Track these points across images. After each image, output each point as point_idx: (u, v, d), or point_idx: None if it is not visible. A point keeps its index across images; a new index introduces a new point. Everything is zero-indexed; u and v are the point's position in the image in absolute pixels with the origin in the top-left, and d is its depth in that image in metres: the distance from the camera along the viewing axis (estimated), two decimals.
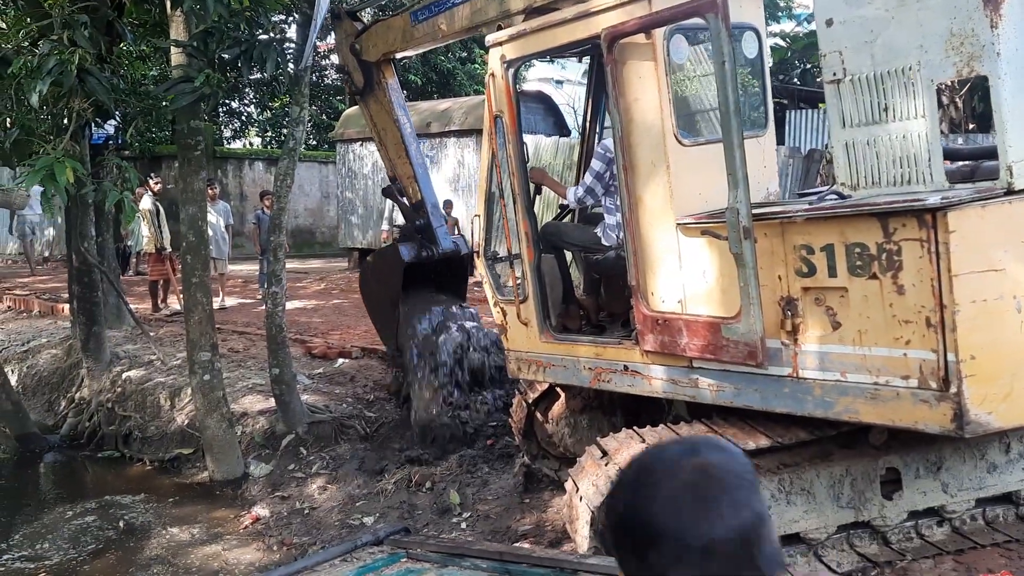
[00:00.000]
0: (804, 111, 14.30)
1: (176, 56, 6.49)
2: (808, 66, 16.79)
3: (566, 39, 4.80)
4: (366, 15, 7.63)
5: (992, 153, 4.20)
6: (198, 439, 7.59)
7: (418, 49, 7.21)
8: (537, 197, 5.87)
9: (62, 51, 5.54)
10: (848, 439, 4.32)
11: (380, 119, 7.22)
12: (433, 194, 7.41)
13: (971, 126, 12.35)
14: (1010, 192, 3.58)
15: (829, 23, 4.00)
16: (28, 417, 8.83)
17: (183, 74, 6.19)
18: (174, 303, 12.11)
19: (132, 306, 10.60)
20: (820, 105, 14.38)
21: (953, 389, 3.43)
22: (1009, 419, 3.50)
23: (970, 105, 12.31)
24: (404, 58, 16.01)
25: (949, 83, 3.75)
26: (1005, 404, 3.47)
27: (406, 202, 7.38)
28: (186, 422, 7.99)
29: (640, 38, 4.28)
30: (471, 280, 15.09)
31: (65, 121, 6.15)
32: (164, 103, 7.22)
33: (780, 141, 5.15)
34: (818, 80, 16.64)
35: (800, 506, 4.19)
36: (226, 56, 6.25)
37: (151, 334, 10.15)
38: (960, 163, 4.29)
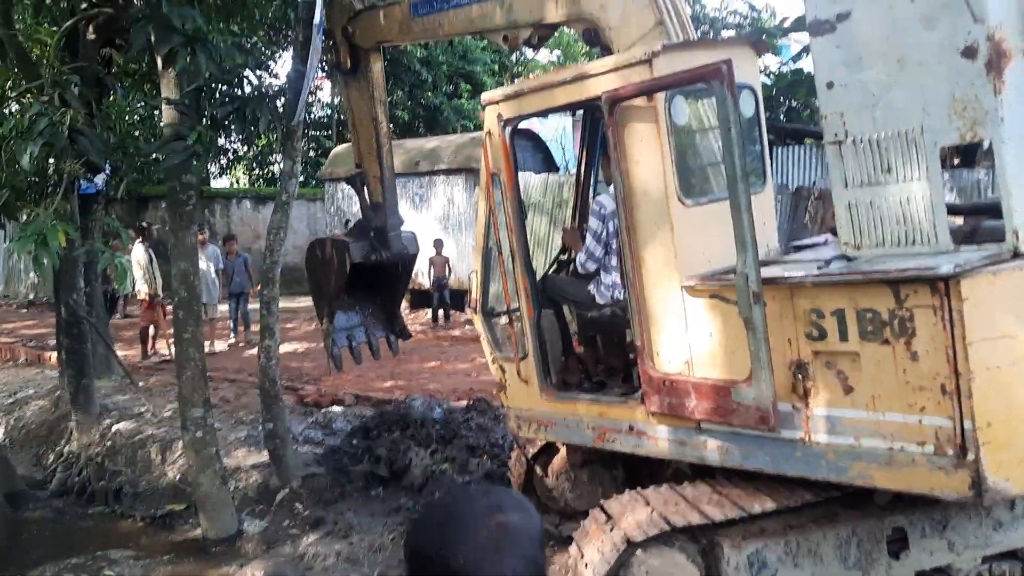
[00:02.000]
0: (791, 147, 14.40)
1: (167, 113, 6.43)
2: (793, 103, 16.96)
3: (564, 100, 4.79)
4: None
5: (990, 209, 4.21)
6: (190, 493, 7.46)
7: (413, 41, 6.96)
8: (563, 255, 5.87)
9: (53, 112, 5.48)
10: (853, 500, 4.28)
11: (358, 108, 6.93)
12: (395, 197, 7.20)
13: (956, 161, 12.46)
14: (1017, 255, 3.58)
15: (830, 86, 4.01)
16: (16, 474, 8.65)
17: (174, 132, 6.13)
18: (163, 348, 11.97)
19: (120, 353, 10.47)
20: (807, 140, 14.51)
21: (971, 456, 3.40)
22: None
23: None
24: (396, 46, 15.74)
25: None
26: (1021, 469, 3.44)
27: (367, 198, 7.25)
28: (178, 476, 7.85)
29: (641, 101, 4.27)
30: (457, 317, 14.97)
31: (55, 179, 6.09)
32: (156, 159, 7.15)
33: None
34: (804, 115, 16.82)
35: (807, 568, 4.14)
36: (218, 114, 6.20)
37: (140, 384, 10.01)
38: (959, 221, 4.29)
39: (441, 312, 14.92)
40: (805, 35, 9.36)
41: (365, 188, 7.07)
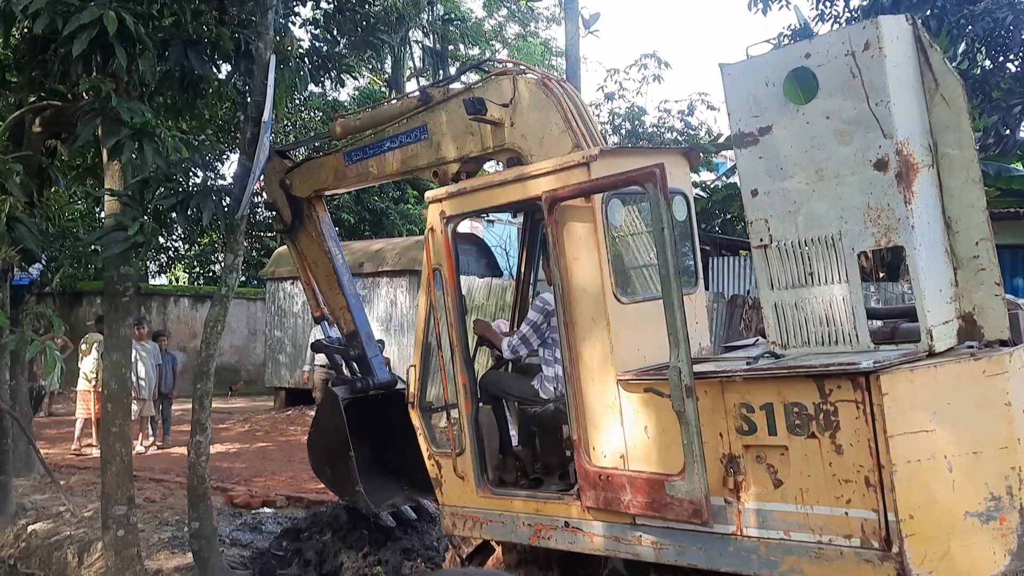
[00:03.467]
0: (726, 258, 14.92)
1: (110, 204, 6.44)
2: (728, 215, 17.65)
3: (506, 199, 4.96)
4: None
5: (908, 313, 4.43)
6: None
7: (349, 188, 7.25)
8: (479, 348, 5.90)
9: None
10: None
11: (311, 252, 7.13)
12: (367, 324, 7.27)
13: (881, 275, 13.03)
14: (932, 354, 3.76)
15: (754, 193, 4.24)
16: None
17: (116, 222, 6.13)
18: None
19: (44, 451, 10.03)
20: (741, 252, 15.07)
21: (895, 549, 3.48)
22: None
23: (879, 255, 13.06)
24: (335, 195, 16.20)
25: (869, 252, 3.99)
26: (944, 563, 3.52)
27: (338, 334, 7.23)
28: None
29: (580, 201, 4.45)
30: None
31: None
32: (94, 249, 7.11)
33: (704, 286, 5.35)
34: (738, 228, 17.50)
35: None
36: (162, 206, 6.24)
37: (62, 482, 9.58)
38: (880, 323, 4.49)
39: None
40: None
41: (336, 325, 7.17)
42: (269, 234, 23.00)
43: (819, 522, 3.70)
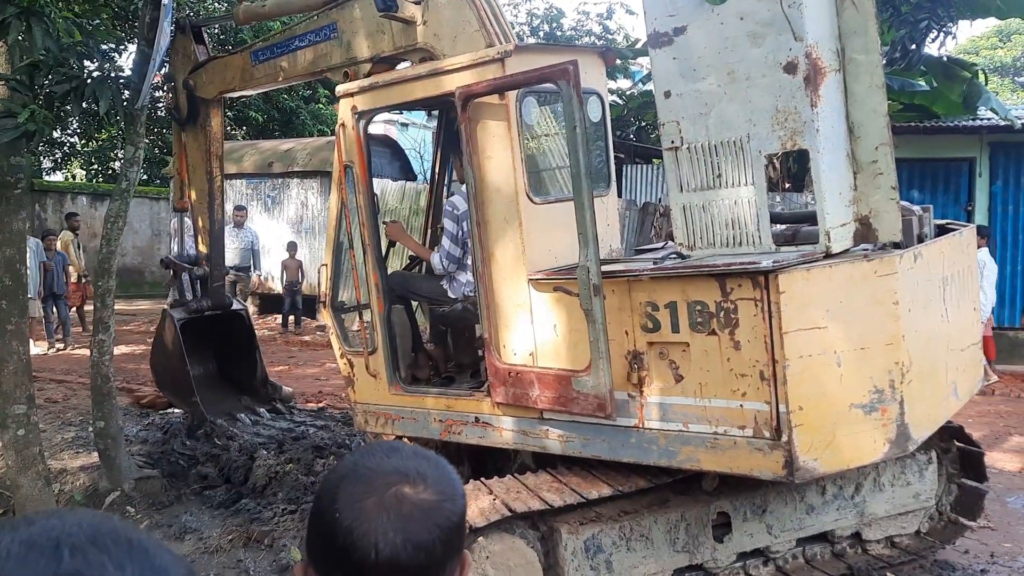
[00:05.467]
0: (640, 166, 15.04)
1: None
2: (643, 123, 17.70)
3: (419, 94, 4.86)
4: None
5: (809, 218, 4.59)
6: (9, 499, 6.95)
7: (257, 89, 7.07)
8: (390, 249, 5.86)
9: None
10: (683, 486, 4.54)
11: (192, 156, 7.18)
12: (222, 254, 7.63)
13: (787, 185, 13.39)
14: (828, 256, 3.92)
15: (667, 95, 4.26)
16: None
17: (4, 109, 5.74)
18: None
19: None
20: (654, 160, 15.20)
21: (784, 438, 3.69)
22: (832, 465, 3.79)
23: (786, 166, 13.38)
24: (241, 97, 15.62)
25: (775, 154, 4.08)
26: (829, 451, 3.76)
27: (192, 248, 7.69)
28: None
29: (494, 98, 4.39)
30: (309, 325, 14.69)
31: None
32: None
33: (618, 194, 5.45)
34: (652, 136, 17.60)
35: (639, 552, 4.35)
36: (55, 92, 5.87)
37: None
38: (783, 226, 4.64)
39: (292, 318, 14.56)
40: None
41: (192, 263, 7.60)
42: (171, 131, 22.02)
43: (716, 414, 3.89)
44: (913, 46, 12.24)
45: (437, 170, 6.55)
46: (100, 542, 0.70)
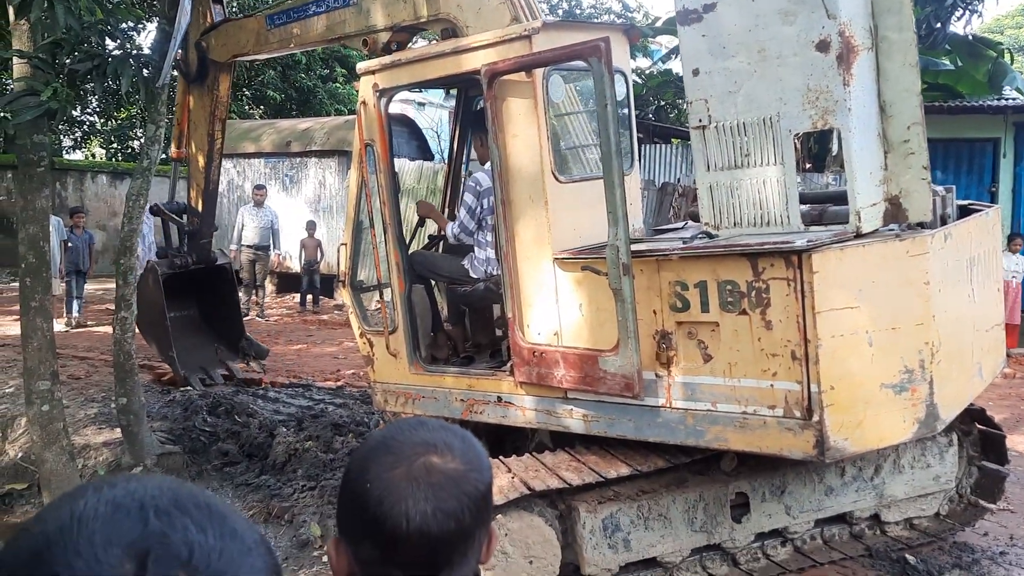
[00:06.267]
0: (658, 145, 14.93)
1: (19, 67, 6.01)
2: (662, 103, 17.57)
3: (442, 72, 4.81)
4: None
5: (834, 198, 4.54)
6: (33, 473, 7.02)
7: (271, 54, 7.00)
8: (419, 228, 5.85)
9: None
10: (702, 466, 4.53)
11: (196, 115, 7.14)
12: (213, 215, 7.68)
13: (808, 166, 13.26)
14: (859, 235, 3.87)
15: (696, 72, 4.21)
16: None
17: (27, 87, 5.75)
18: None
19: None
20: (673, 140, 15.08)
21: (815, 418, 3.67)
22: (862, 444, 3.77)
23: (807, 146, 13.25)
24: (254, 61, 15.49)
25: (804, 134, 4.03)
26: (859, 430, 3.74)
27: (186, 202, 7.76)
28: (19, 455, 7.37)
29: (521, 76, 4.35)
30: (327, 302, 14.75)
31: None
32: (3, 116, 6.67)
33: None
34: (671, 116, 17.47)
35: (657, 531, 4.35)
36: (77, 70, 5.86)
37: None
38: (808, 206, 4.59)
39: (310, 297, 14.60)
40: (674, 38, 9.77)
41: (179, 213, 7.69)
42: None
43: (745, 394, 3.87)
44: (938, 24, 12.07)
45: (455, 149, 6.51)
46: (182, 505, 0.73)
